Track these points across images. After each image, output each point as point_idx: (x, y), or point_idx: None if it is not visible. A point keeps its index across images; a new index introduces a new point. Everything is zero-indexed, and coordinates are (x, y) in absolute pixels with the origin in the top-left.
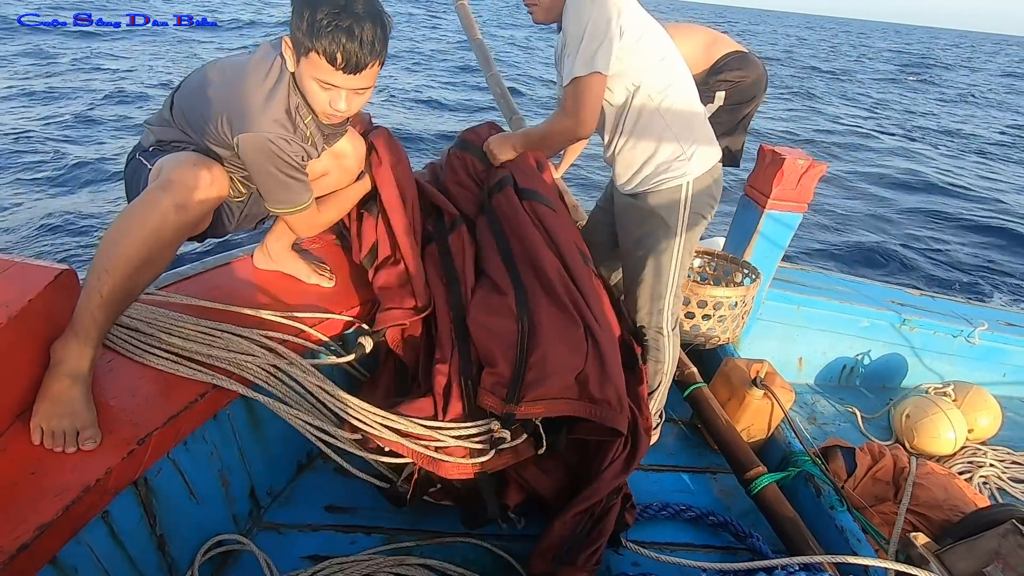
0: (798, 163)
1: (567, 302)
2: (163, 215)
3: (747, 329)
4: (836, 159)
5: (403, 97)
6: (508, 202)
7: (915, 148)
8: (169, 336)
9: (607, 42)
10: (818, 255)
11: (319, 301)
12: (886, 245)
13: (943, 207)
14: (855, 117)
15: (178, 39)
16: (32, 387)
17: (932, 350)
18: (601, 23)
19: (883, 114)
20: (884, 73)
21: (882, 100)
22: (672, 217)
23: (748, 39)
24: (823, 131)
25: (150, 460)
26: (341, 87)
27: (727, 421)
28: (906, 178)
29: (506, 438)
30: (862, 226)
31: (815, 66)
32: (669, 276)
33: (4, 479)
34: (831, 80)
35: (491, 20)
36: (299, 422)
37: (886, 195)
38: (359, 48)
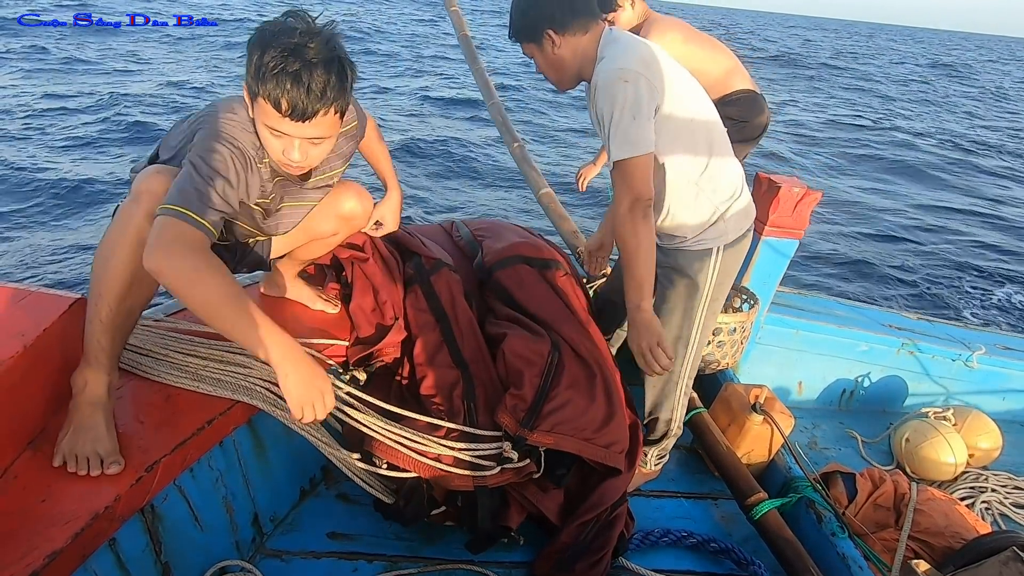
0: (793, 191)
1: (586, 355)
2: (138, 227)
3: (746, 354)
4: (830, 178)
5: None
6: (525, 275)
7: (914, 164)
8: (183, 359)
9: (646, 118)
10: (815, 278)
11: (325, 327)
12: (882, 268)
13: (940, 227)
14: (853, 127)
15: (178, 38)
16: (44, 415)
17: (931, 374)
18: (635, 101)
19: (888, 120)
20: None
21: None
22: (701, 278)
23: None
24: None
25: (157, 487)
26: (292, 135)
27: (728, 447)
28: (903, 198)
29: (513, 459)
30: (858, 249)
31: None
32: (691, 337)
33: (15, 507)
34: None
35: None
36: (312, 437)
37: (883, 215)
38: (305, 95)
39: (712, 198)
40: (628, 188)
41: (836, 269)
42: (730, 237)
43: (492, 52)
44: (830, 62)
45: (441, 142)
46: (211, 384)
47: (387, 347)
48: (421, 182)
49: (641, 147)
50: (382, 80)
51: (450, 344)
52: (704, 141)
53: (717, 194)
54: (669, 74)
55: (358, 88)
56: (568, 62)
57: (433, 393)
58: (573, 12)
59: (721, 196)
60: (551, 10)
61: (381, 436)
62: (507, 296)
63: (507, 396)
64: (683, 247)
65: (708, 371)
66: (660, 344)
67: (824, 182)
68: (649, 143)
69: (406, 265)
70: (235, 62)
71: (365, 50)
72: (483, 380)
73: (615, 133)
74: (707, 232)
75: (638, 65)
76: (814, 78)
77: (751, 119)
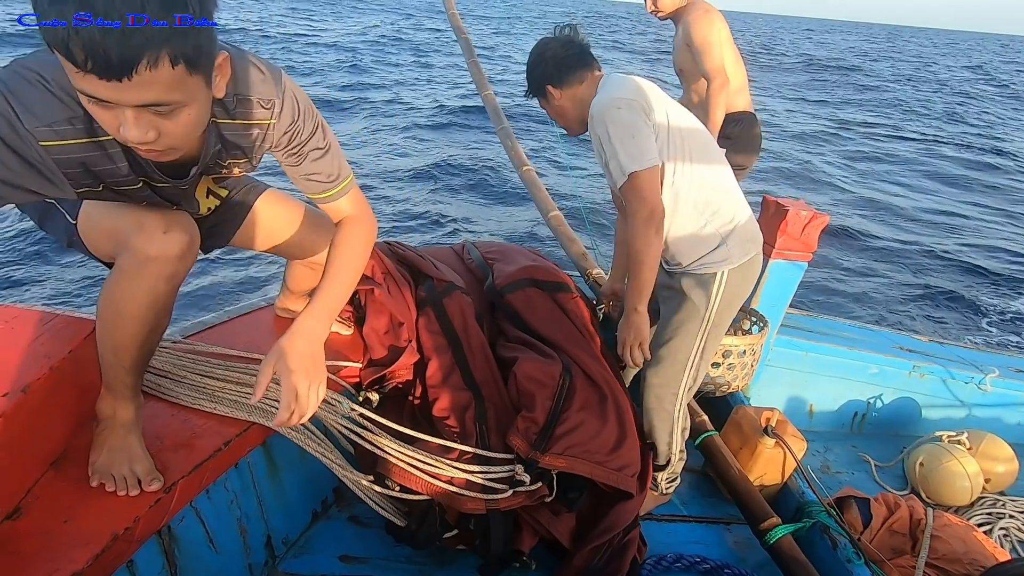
0: (801, 215)
1: (597, 378)
2: (153, 290)
3: (756, 376)
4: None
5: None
6: (536, 298)
7: (925, 186)
8: (200, 380)
9: (646, 134)
10: (824, 299)
11: (339, 348)
12: (892, 290)
13: (951, 247)
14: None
15: None
16: (67, 436)
17: (943, 397)
18: (630, 121)
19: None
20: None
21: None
22: (703, 302)
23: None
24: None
25: (175, 509)
26: (112, 101)
27: (740, 470)
28: (913, 219)
29: (526, 481)
30: (867, 270)
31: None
32: (688, 361)
33: (38, 527)
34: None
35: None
36: (326, 458)
37: (894, 236)
38: (101, 34)
39: (713, 221)
40: (643, 201)
41: (845, 290)
42: (735, 262)
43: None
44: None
45: (451, 163)
46: (228, 406)
47: (400, 369)
48: (431, 203)
49: (646, 160)
50: (394, 93)
51: (462, 366)
52: (700, 166)
53: (718, 217)
54: (661, 102)
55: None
56: (570, 110)
57: (446, 415)
58: (568, 69)
59: (722, 219)
60: (550, 70)
61: (394, 458)
62: (518, 319)
63: (519, 419)
64: (687, 270)
65: (718, 393)
66: (642, 345)
67: (832, 196)
68: (654, 156)
69: (419, 288)
70: None
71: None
72: (495, 402)
73: (619, 152)
74: (710, 256)
75: (629, 93)
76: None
77: (748, 141)
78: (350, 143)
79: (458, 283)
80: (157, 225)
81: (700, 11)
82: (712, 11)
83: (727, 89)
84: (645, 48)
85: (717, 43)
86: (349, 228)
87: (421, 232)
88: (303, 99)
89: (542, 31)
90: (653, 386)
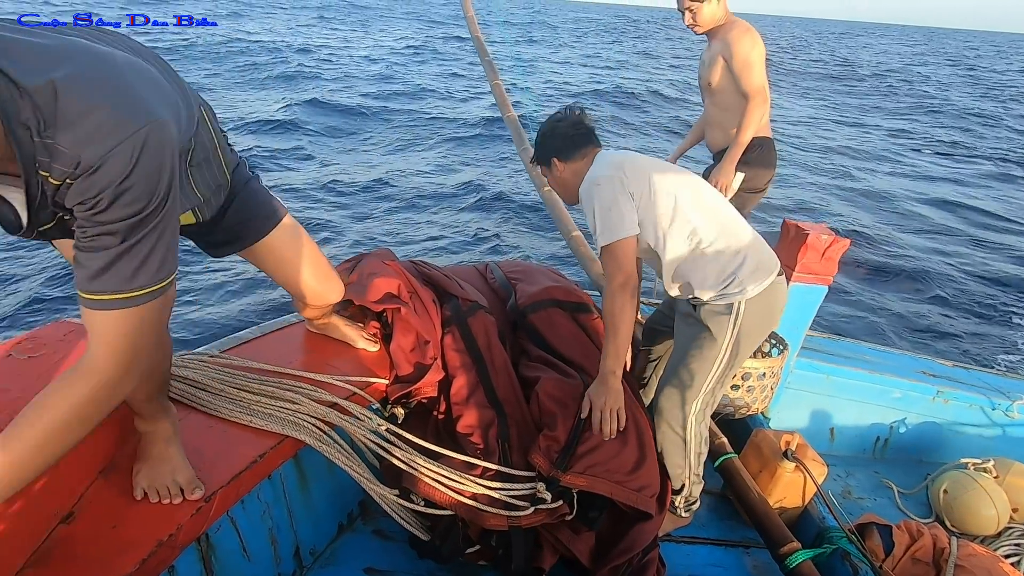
0: (821, 238)
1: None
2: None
3: (776, 398)
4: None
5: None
6: (557, 318)
7: (954, 199)
8: (237, 393)
9: (622, 207)
10: (846, 321)
11: (367, 364)
12: (916, 312)
13: (979, 269)
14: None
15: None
16: (113, 444)
17: (969, 423)
18: (610, 196)
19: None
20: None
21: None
22: (720, 332)
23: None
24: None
25: (213, 517)
26: None
27: (759, 494)
28: (940, 235)
29: (547, 499)
30: (890, 291)
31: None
32: (702, 387)
33: (89, 531)
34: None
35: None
36: (354, 472)
37: (916, 255)
38: None
39: (719, 259)
40: (618, 268)
41: (868, 311)
42: (750, 293)
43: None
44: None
45: (474, 180)
46: (263, 419)
47: (426, 386)
48: (454, 221)
49: (621, 231)
50: (421, 107)
51: (486, 384)
52: (696, 214)
53: (724, 255)
54: (644, 171)
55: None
56: (571, 182)
57: (469, 432)
58: (574, 146)
59: (728, 256)
60: (557, 144)
61: (419, 472)
62: (540, 338)
63: (541, 437)
64: (705, 303)
65: (738, 416)
66: (618, 411)
67: (852, 213)
68: (629, 227)
69: (444, 306)
70: (234, 62)
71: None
72: (517, 420)
73: (599, 226)
74: (725, 290)
75: (608, 170)
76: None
77: (765, 166)
78: (376, 160)
79: (482, 302)
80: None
81: (741, 29)
82: (752, 30)
83: (765, 108)
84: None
85: (759, 62)
86: (73, 377)
87: (445, 250)
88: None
89: (570, 41)
90: (664, 410)
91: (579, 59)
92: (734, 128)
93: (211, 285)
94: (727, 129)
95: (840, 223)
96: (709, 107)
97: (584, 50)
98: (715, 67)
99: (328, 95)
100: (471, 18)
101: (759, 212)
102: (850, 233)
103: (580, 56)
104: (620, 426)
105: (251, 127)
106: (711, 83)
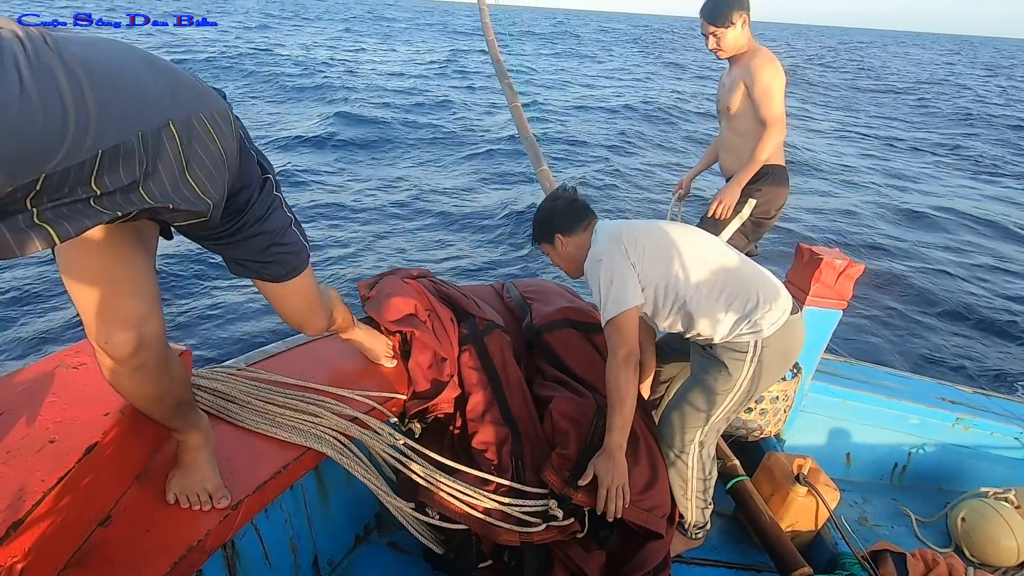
0: (835, 263)
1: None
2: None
3: (791, 421)
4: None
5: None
6: (572, 338)
7: (979, 215)
8: (264, 406)
9: (625, 280)
10: (862, 345)
11: (385, 380)
12: (935, 337)
13: (1001, 293)
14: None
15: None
16: (149, 452)
17: (990, 452)
18: (612, 270)
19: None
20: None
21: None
22: (736, 369)
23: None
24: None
25: (239, 525)
26: None
27: (771, 517)
28: (963, 255)
29: (558, 517)
30: (910, 314)
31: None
32: (710, 419)
33: (125, 535)
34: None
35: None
36: (372, 484)
37: (936, 277)
38: None
39: (731, 307)
40: (623, 341)
41: (885, 335)
42: (767, 332)
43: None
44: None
45: (494, 199)
46: (287, 431)
47: (442, 402)
48: (472, 240)
49: (623, 304)
50: (443, 124)
51: (501, 402)
52: (701, 267)
53: (735, 302)
54: (644, 232)
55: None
56: (575, 256)
57: (484, 448)
58: (576, 220)
59: (740, 302)
60: (561, 221)
61: (435, 487)
62: (555, 358)
63: (554, 455)
64: (719, 344)
65: (750, 438)
66: (623, 487)
67: (877, 231)
68: (632, 298)
69: (461, 325)
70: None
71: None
72: (530, 438)
73: (604, 300)
74: (739, 334)
75: (607, 245)
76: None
77: (777, 194)
78: (401, 175)
79: (498, 322)
80: (97, 336)
81: (765, 58)
82: (775, 60)
83: (781, 137)
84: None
85: (779, 92)
86: None
87: (466, 268)
88: None
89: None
90: (666, 435)
91: (607, 72)
92: (748, 154)
93: (241, 300)
94: (740, 154)
95: (860, 240)
96: (725, 131)
97: (611, 63)
98: (735, 92)
99: (356, 109)
100: (491, 42)
101: (778, 232)
102: (871, 251)
103: (607, 69)
104: (625, 503)
105: (281, 142)
106: (730, 108)
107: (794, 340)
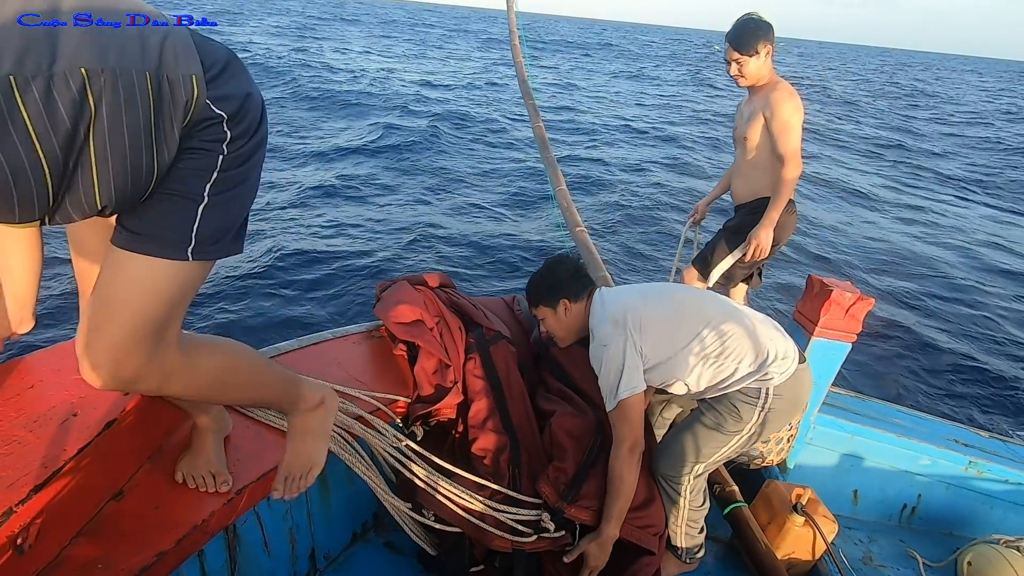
0: (845, 296)
1: None
2: None
3: (796, 453)
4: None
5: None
6: (578, 353)
7: (992, 243)
8: None
9: (631, 368)
10: (873, 379)
11: (391, 382)
12: (950, 377)
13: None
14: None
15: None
16: (165, 433)
17: (1004, 499)
18: (619, 358)
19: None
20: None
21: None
22: (747, 413)
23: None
24: None
25: (242, 510)
26: None
27: (767, 546)
28: (975, 291)
29: (550, 529)
30: (925, 352)
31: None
32: (712, 457)
33: (135, 509)
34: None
35: None
36: (372, 482)
37: (958, 317)
38: None
39: (741, 366)
40: (629, 430)
41: (897, 371)
42: (777, 380)
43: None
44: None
45: (511, 216)
46: None
47: (445, 408)
48: (485, 255)
49: (628, 389)
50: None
51: (502, 411)
52: (705, 330)
53: (745, 361)
54: (645, 311)
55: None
56: (574, 321)
57: (483, 455)
58: (581, 287)
59: (750, 358)
60: (567, 286)
61: (432, 488)
62: (560, 371)
63: (550, 467)
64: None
65: (752, 466)
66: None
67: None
68: (637, 385)
69: (469, 334)
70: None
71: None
72: (529, 448)
73: (610, 387)
74: (749, 383)
75: (611, 329)
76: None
77: (784, 227)
78: (423, 187)
79: (505, 333)
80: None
81: (786, 92)
82: (796, 95)
83: (798, 172)
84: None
85: (797, 127)
86: None
87: (483, 279)
88: None
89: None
90: (663, 465)
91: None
92: (759, 184)
93: (258, 300)
94: (752, 184)
95: (874, 277)
96: (740, 159)
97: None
98: (754, 123)
99: (396, 119)
100: (519, 63)
101: (788, 259)
102: (886, 288)
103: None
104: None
105: (315, 153)
106: (746, 137)
107: (803, 388)
